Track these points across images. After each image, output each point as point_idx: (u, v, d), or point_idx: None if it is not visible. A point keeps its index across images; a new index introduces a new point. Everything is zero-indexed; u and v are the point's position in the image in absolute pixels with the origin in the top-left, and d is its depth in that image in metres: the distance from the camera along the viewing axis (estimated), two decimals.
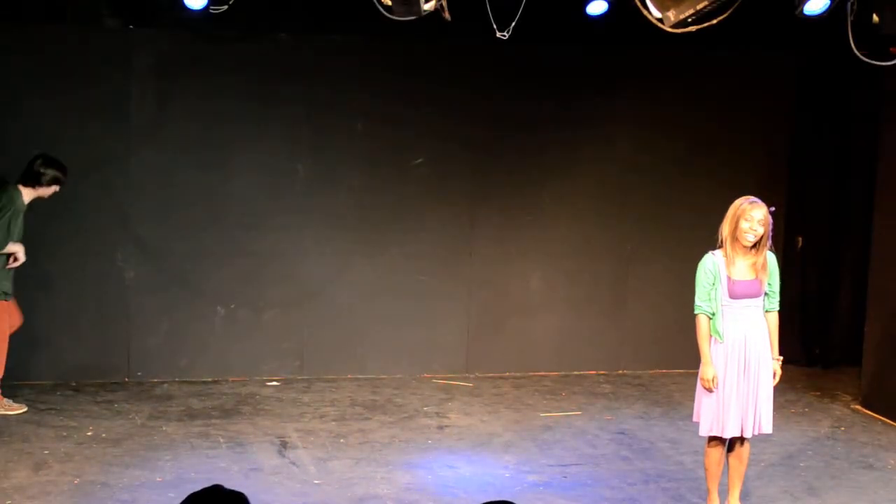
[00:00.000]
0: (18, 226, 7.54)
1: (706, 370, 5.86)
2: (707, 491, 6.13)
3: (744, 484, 6.28)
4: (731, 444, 6.05)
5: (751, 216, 5.77)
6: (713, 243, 5.96)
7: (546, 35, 8.61)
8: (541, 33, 8.33)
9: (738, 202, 5.85)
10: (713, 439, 5.99)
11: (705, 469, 6.11)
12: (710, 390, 5.85)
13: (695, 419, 6.03)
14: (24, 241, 7.60)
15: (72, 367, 8.63)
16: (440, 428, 7.81)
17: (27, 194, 7.58)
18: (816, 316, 9.86)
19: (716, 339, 5.87)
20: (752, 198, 5.86)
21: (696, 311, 5.90)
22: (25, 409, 7.74)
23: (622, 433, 7.79)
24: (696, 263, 5.99)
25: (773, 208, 5.92)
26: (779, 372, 6.01)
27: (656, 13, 6.50)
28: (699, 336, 5.91)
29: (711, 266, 5.85)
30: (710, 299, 5.85)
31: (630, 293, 9.56)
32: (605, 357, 9.52)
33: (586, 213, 9.37)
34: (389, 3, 6.48)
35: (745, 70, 9.47)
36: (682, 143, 9.41)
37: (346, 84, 8.92)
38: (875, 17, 6.40)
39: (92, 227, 8.56)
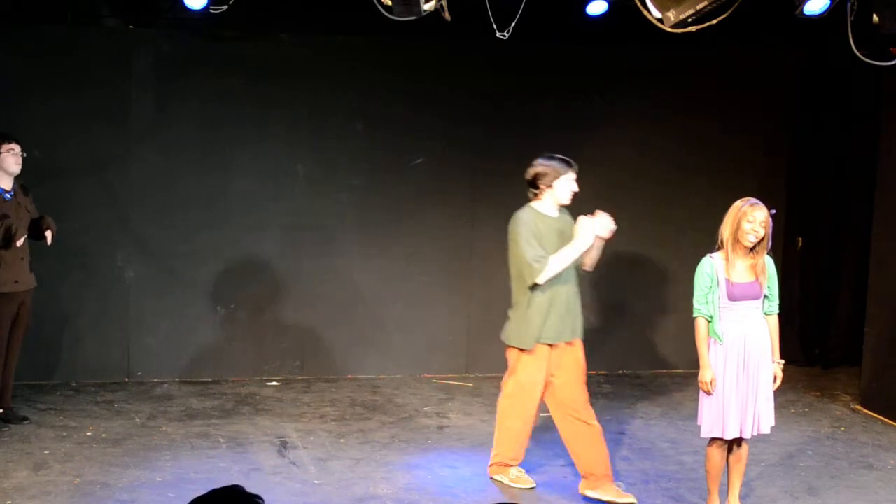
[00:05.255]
0: (541, 241, 6.29)
1: (704, 373, 5.86)
2: (708, 492, 6.13)
3: (744, 484, 6.29)
4: (730, 445, 6.05)
5: (753, 217, 5.78)
6: (713, 244, 5.96)
7: (546, 35, 8.60)
8: (541, 33, 8.33)
9: (738, 203, 5.87)
10: (714, 441, 5.99)
11: (706, 471, 6.11)
12: (708, 393, 5.86)
13: (698, 422, 6.03)
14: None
15: (72, 367, 8.64)
16: (440, 428, 7.81)
17: (541, 206, 6.45)
18: (816, 316, 9.85)
19: (715, 340, 5.87)
20: (753, 199, 5.88)
21: (694, 315, 5.92)
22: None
23: (622, 433, 7.79)
24: (696, 264, 5.99)
25: (773, 210, 5.92)
26: (780, 375, 6.01)
27: (656, 13, 6.50)
28: (698, 339, 5.91)
29: (709, 269, 5.86)
30: (707, 302, 5.85)
31: (630, 293, 9.56)
32: (605, 357, 9.51)
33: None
34: (389, 3, 6.48)
35: (745, 70, 9.47)
36: (681, 144, 9.41)
37: (346, 84, 8.92)
38: (875, 17, 6.40)
39: (92, 228, 8.56)
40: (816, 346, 9.86)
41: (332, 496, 6.37)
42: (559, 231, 6.39)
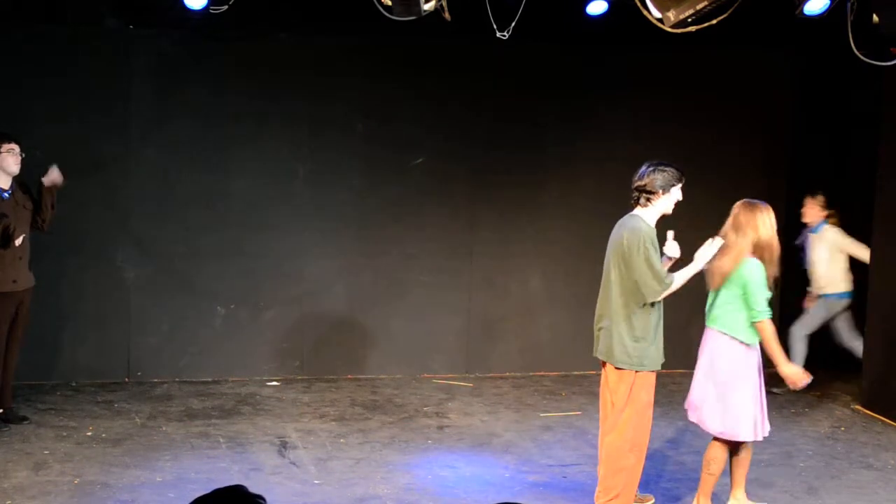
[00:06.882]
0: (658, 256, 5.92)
1: (790, 367, 5.99)
2: (703, 493, 6.10)
3: (744, 484, 6.34)
4: (737, 447, 6.08)
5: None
6: None
7: (546, 35, 8.61)
8: (541, 33, 8.33)
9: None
10: (726, 442, 6.00)
11: (712, 472, 6.02)
12: (799, 384, 6.01)
13: (734, 429, 5.92)
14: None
15: (72, 367, 8.64)
16: (440, 428, 7.81)
17: (648, 215, 5.99)
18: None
19: (753, 345, 5.94)
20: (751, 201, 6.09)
21: (764, 317, 5.86)
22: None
23: None
24: None
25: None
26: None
27: (656, 13, 6.50)
28: (772, 339, 5.89)
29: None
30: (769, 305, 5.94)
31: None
32: None
33: (586, 213, 9.36)
34: (389, 3, 6.49)
35: (745, 70, 9.47)
36: (681, 144, 9.38)
37: (346, 84, 8.92)
38: (875, 17, 6.40)
39: (92, 227, 8.56)
40: (816, 346, 9.83)
41: (332, 496, 6.37)
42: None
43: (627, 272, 5.85)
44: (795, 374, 6.05)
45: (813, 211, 8.85)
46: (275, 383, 8.86)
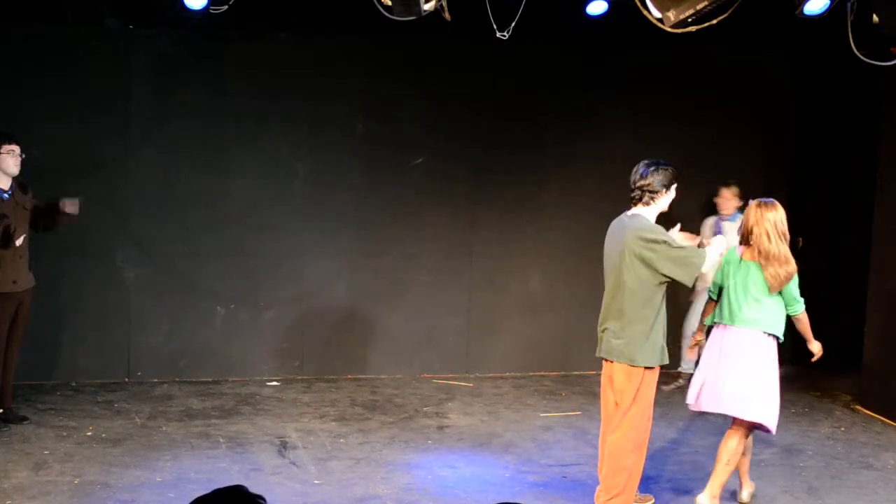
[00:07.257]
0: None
1: (818, 345, 6.38)
2: (718, 485, 6.11)
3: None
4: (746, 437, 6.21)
5: None
6: None
7: (546, 35, 8.61)
8: (541, 33, 8.33)
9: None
10: (742, 436, 6.12)
11: (732, 464, 6.12)
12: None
13: (772, 421, 6.07)
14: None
15: (72, 367, 8.64)
16: (440, 428, 7.81)
17: (650, 213, 6.01)
18: (816, 316, 9.83)
19: (777, 338, 6.14)
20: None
21: (803, 308, 6.23)
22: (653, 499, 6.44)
23: None
24: None
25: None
26: None
27: (656, 13, 6.50)
28: (807, 326, 6.30)
29: None
30: None
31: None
32: None
33: (586, 213, 9.36)
34: (389, 3, 6.49)
35: (745, 70, 9.47)
36: (681, 143, 9.39)
37: (346, 84, 8.92)
38: (875, 17, 6.40)
39: (92, 227, 8.55)
40: None
41: (332, 496, 6.37)
42: None
43: (651, 269, 5.79)
44: (820, 348, 6.43)
45: (729, 202, 8.78)
46: (275, 383, 8.86)
